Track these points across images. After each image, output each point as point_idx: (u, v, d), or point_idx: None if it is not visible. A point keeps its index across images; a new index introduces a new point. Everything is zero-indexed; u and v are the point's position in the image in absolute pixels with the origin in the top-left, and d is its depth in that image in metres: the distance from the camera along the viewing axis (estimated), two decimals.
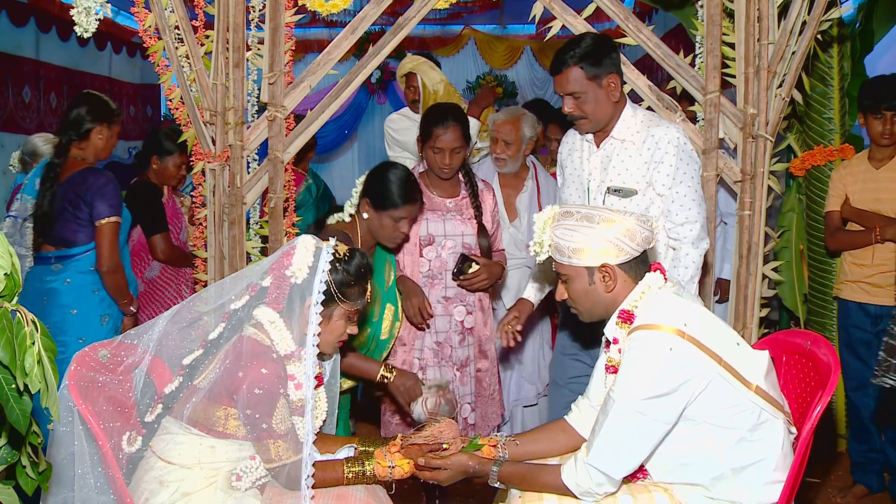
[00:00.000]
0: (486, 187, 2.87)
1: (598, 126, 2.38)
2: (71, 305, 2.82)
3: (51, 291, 2.82)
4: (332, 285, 1.87)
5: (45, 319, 2.90)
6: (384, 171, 2.47)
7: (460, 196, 2.79)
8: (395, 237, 2.48)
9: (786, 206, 3.61)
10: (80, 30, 2.48)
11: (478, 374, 2.82)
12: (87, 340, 2.72)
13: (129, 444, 1.78)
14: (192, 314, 1.91)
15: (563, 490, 1.74)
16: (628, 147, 2.36)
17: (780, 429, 1.72)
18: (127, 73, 8.00)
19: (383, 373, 2.35)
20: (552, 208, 1.86)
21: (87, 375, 1.77)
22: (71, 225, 2.82)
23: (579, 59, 2.27)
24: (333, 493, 1.84)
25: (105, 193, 2.80)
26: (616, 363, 1.79)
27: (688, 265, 2.31)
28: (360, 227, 2.50)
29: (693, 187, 2.34)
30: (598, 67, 2.28)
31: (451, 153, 2.66)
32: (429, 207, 2.72)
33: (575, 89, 2.30)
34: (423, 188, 2.68)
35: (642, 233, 1.76)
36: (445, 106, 2.80)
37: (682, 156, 2.32)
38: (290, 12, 2.74)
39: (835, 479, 3.30)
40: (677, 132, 2.34)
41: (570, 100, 2.33)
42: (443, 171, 2.70)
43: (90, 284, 2.86)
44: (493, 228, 2.83)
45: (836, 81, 3.40)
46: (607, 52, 2.31)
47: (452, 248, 2.72)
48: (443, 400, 2.32)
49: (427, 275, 2.72)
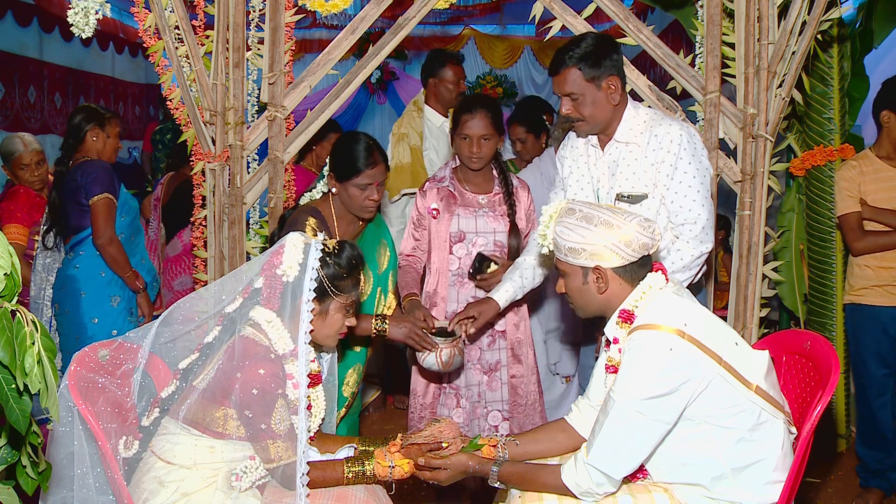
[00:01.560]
0: (522, 185, 2.74)
1: (596, 129, 2.34)
2: (82, 288, 3.08)
3: (67, 278, 3.10)
4: (325, 280, 1.87)
5: (64, 305, 3.07)
6: (341, 142, 2.41)
7: (493, 192, 2.67)
8: (367, 206, 2.38)
9: (786, 206, 3.61)
10: (76, 30, 2.49)
11: (512, 380, 2.66)
12: (99, 321, 3.07)
13: (125, 449, 1.78)
14: (188, 315, 1.91)
15: (563, 490, 1.74)
16: (633, 150, 2.30)
17: (780, 429, 1.72)
18: (130, 73, 8.02)
19: (377, 325, 2.31)
20: (560, 202, 1.86)
21: (86, 376, 1.76)
22: (76, 212, 3.09)
23: (578, 60, 2.22)
24: (333, 492, 1.84)
25: (96, 176, 3.06)
26: (616, 363, 1.79)
27: (675, 260, 2.22)
28: (334, 203, 2.44)
29: (694, 186, 2.24)
30: (598, 69, 2.23)
31: (480, 141, 2.55)
32: (460, 203, 2.62)
33: (572, 90, 2.25)
34: (456, 184, 2.63)
35: (641, 239, 1.74)
36: (476, 95, 2.77)
37: (682, 153, 2.24)
38: (290, 12, 2.75)
39: (835, 479, 3.30)
40: (680, 129, 2.26)
41: (568, 101, 2.28)
42: (472, 161, 2.59)
43: (97, 267, 3.10)
44: (526, 228, 2.69)
45: (836, 81, 3.40)
46: (608, 53, 2.25)
47: (483, 245, 2.62)
48: (456, 350, 2.30)
49: (456, 273, 2.62)
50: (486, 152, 2.58)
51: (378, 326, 2.32)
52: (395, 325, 2.32)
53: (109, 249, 3.05)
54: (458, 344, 2.32)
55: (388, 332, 2.32)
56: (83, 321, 3.06)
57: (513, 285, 2.44)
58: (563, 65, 2.25)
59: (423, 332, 2.31)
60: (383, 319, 2.33)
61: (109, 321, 3.10)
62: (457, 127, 2.60)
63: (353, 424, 2.63)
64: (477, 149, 2.56)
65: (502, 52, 9.27)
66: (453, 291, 2.62)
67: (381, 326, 2.32)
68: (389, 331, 2.32)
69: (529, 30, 9.39)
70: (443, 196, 2.63)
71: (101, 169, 3.09)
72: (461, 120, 2.58)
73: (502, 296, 2.43)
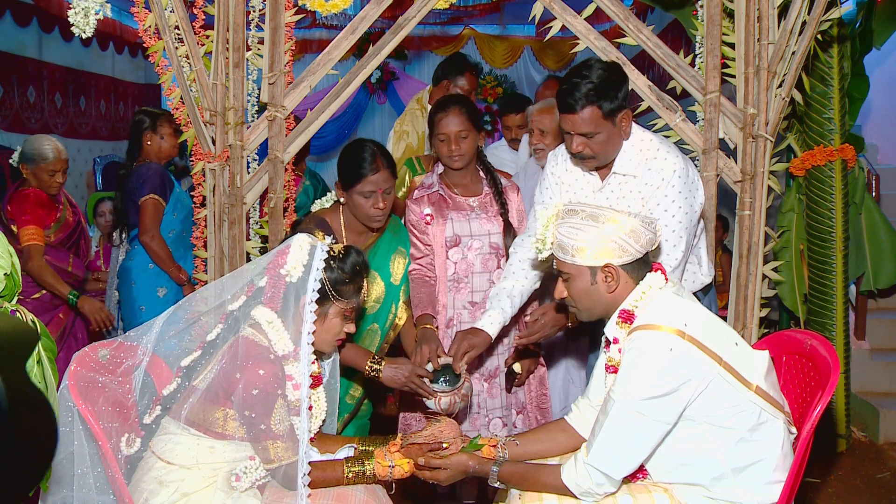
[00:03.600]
0: (511, 184, 2.71)
1: (603, 164, 2.25)
2: (133, 279, 3.41)
3: (123, 269, 3.48)
4: (327, 283, 1.87)
5: (121, 294, 3.37)
6: (346, 149, 2.38)
7: (483, 194, 2.63)
8: (373, 215, 2.33)
9: (786, 206, 3.61)
10: (77, 30, 2.49)
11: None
12: (146, 310, 3.34)
13: (127, 446, 1.78)
14: (190, 314, 1.91)
15: (563, 490, 1.74)
16: (629, 181, 2.24)
17: (780, 429, 1.72)
18: (130, 74, 8.03)
19: (371, 367, 2.22)
20: (557, 205, 1.85)
21: (86, 376, 1.77)
22: (133, 211, 3.41)
23: (596, 97, 2.07)
24: (333, 492, 1.84)
25: (146, 179, 3.36)
26: (616, 363, 1.79)
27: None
28: (343, 213, 2.42)
29: (671, 226, 2.18)
30: (614, 102, 2.10)
31: (458, 138, 2.51)
32: (452, 207, 2.58)
33: (590, 129, 2.11)
34: (445, 189, 2.60)
35: (646, 234, 1.75)
36: (449, 95, 2.73)
37: (668, 191, 2.17)
38: (290, 12, 2.74)
39: (835, 479, 3.30)
40: (674, 164, 2.19)
41: (581, 139, 2.14)
42: (453, 160, 2.54)
43: (146, 261, 3.38)
44: (518, 229, 2.63)
45: (836, 81, 3.40)
46: (622, 83, 2.13)
47: (479, 248, 2.56)
48: (458, 398, 2.19)
49: (452, 278, 2.56)
50: (465, 149, 2.53)
51: (372, 368, 2.22)
52: (392, 370, 2.21)
53: (152, 245, 3.32)
54: (460, 391, 2.19)
55: (382, 377, 2.22)
56: (134, 308, 3.38)
57: (502, 315, 2.32)
58: (581, 103, 2.09)
59: (420, 381, 2.19)
60: (379, 361, 2.23)
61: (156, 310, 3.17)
62: (433, 129, 2.57)
63: (362, 428, 2.61)
64: (456, 146, 2.52)
65: (502, 52, 9.28)
66: (450, 297, 2.58)
67: (375, 368, 2.22)
68: (384, 376, 2.21)
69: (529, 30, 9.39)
70: (434, 201, 2.58)
71: (151, 171, 3.38)
72: (436, 120, 2.55)
73: (492, 327, 2.30)
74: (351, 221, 2.42)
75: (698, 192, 2.31)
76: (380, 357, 2.25)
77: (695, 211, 2.28)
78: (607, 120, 2.12)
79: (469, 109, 2.56)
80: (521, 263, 2.40)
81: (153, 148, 3.48)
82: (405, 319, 2.52)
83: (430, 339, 2.30)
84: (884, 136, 5.68)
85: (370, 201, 2.32)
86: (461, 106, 2.55)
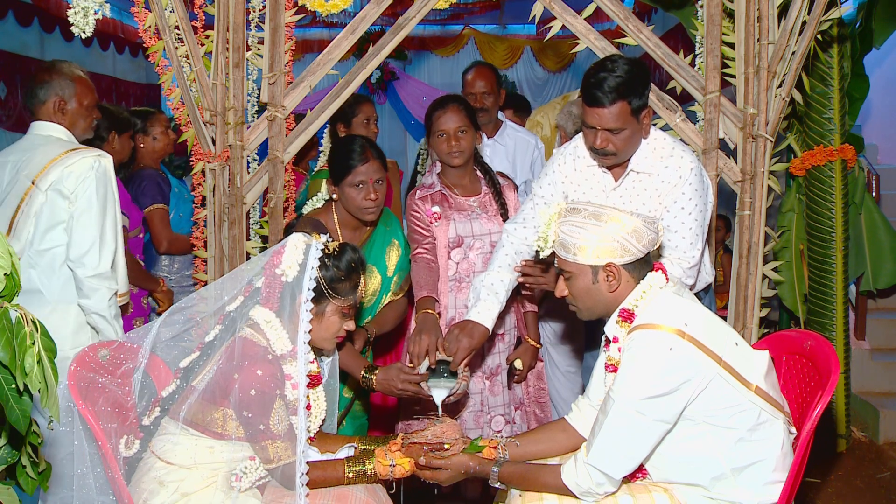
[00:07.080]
0: (508, 183, 2.72)
1: (621, 161, 2.22)
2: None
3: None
4: (323, 281, 1.87)
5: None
6: (334, 147, 2.39)
7: (482, 193, 2.64)
8: (365, 206, 2.34)
9: (786, 206, 3.61)
10: (76, 30, 2.49)
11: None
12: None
13: (126, 448, 1.78)
14: (189, 315, 1.92)
15: (564, 490, 1.74)
16: (645, 179, 2.22)
17: (780, 429, 1.72)
18: (130, 73, 8.02)
19: (364, 377, 2.22)
20: (558, 203, 1.85)
21: (86, 376, 1.77)
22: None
23: (627, 92, 2.04)
24: (333, 492, 1.84)
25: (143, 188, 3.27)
26: (616, 362, 1.79)
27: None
28: (336, 210, 2.43)
29: (687, 223, 2.17)
30: (641, 99, 2.08)
31: (457, 134, 2.52)
32: (454, 208, 2.58)
33: (617, 125, 2.08)
34: (445, 190, 2.60)
35: (648, 234, 1.75)
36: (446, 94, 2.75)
37: (685, 188, 2.16)
38: (290, 12, 2.74)
39: (835, 479, 3.30)
40: (691, 163, 2.18)
41: (605, 134, 2.10)
42: (452, 157, 2.53)
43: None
44: None
45: (836, 81, 3.40)
46: (648, 79, 2.10)
47: (480, 248, 2.58)
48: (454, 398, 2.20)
49: (454, 278, 2.58)
50: (465, 145, 2.54)
51: (366, 378, 2.21)
52: (383, 377, 2.19)
53: (173, 251, 3.32)
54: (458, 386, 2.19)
55: (375, 385, 2.21)
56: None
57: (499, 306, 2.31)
58: (611, 97, 2.05)
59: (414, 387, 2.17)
60: (372, 370, 2.21)
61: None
62: (432, 127, 2.58)
63: (360, 428, 2.62)
64: (455, 142, 2.52)
65: (502, 52, 9.28)
66: (451, 297, 2.59)
67: (368, 378, 2.21)
68: (377, 385, 2.20)
69: (529, 29, 9.40)
70: (437, 201, 2.59)
71: (145, 180, 3.29)
72: (434, 118, 2.56)
73: (487, 319, 2.28)
74: (345, 218, 2.43)
75: (710, 192, 2.31)
76: (373, 366, 2.25)
77: (709, 210, 2.28)
78: (633, 116, 2.09)
79: (466, 106, 2.59)
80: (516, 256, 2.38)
81: (147, 150, 3.39)
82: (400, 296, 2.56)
83: (429, 329, 2.27)
84: (884, 136, 5.68)
85: (362, 192, 2.33)
86: (459, 103, 2.58)
